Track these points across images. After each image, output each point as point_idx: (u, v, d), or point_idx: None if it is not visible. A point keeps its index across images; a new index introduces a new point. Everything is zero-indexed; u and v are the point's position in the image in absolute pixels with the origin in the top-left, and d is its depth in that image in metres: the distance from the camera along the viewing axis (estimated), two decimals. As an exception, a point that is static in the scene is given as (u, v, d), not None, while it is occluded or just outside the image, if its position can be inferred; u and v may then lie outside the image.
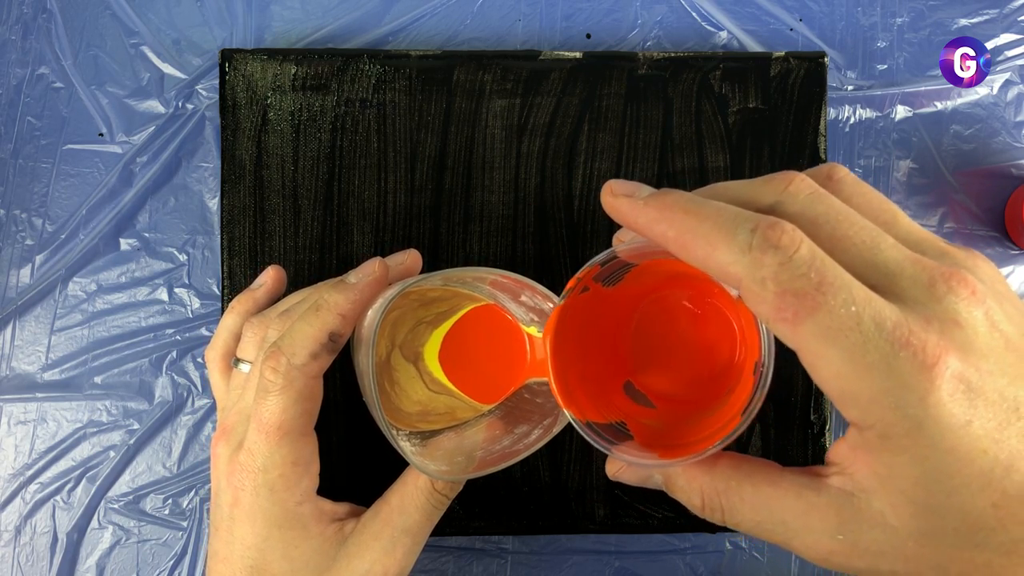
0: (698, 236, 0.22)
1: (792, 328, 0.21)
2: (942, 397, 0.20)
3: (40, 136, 0.45)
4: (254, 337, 0.36)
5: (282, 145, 0.42)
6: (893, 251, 0.22)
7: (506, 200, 0.43)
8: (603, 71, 0.43)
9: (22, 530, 0.44)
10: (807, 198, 0.23)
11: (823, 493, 0.23)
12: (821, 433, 0.43)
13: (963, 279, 0.21)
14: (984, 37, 0.46)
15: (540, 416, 0.35)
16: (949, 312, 0.21)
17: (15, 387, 0.44)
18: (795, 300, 0.20)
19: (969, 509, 0.20)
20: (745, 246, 0.21)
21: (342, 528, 0.34)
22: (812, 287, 0.20)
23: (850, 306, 0.20)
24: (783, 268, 0.21)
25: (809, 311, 0.20)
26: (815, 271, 0.20)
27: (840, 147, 0.46)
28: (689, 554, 0.44)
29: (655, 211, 0.23)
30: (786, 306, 0.21)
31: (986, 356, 0.20)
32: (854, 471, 0.22)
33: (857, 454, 0.22)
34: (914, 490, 0.21)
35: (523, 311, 0.36)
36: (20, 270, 0.45)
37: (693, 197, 0.23)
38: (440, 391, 0.37)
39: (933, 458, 0.20)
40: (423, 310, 0.37)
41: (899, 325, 0.20)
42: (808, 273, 0.20)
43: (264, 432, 0.33)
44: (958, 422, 0.20)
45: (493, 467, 0.33)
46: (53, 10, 0.45)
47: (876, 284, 0.21)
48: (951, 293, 0.21)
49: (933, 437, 0.20)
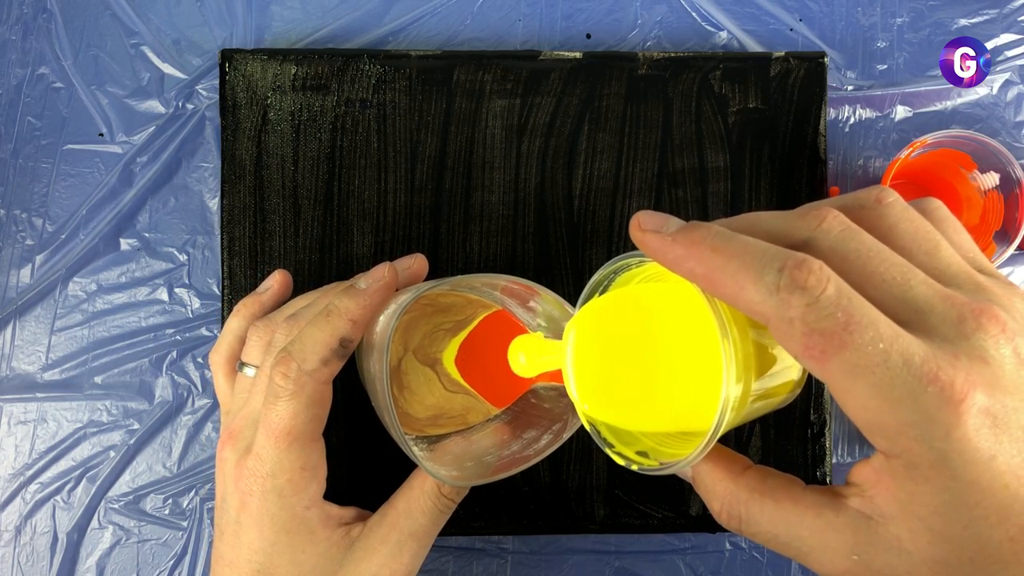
0: (726, 275, 0.22)
1: (820, 364, 0.21)
2: (968, 432, 0.20)
3: (40, 136, 0.45)
4: (260, 341, 0.36)
5: (282, 145, 0.42)
6: (923, 287, 0.22)
7: (506, 200, 0.43)
8: (603, 71, 0.43)
9: (22, 530, 0.44)
10: (839, 235, 0.23)
11: (842, 513, 0.23)
12: (821, 433, 0.43)
13: (994, 316, 0.21)
14: (984, 37, 0.46)
15: (549, 421, 0.35)
16: (977, 348, 0.21)
17: (15, 387, 0.44)
18: (822, 339, 0.21)
19: (986, 541, 0.21)
20: (773, 287, 0.21)
21: (349, 532, 0.34)
22: (839, 326, 0.21)
23: (877, 343, 0.20)
24: (810, 309, 0.21)
25: (836, 349, 0.21)
26: (842, 311, 0.21)
27: (840, 147, 0.46)
28: (689, 554, 0.44)
29: (683, 248, 0.23)
30: (814, 344, 0.21)
31: (1012, 393, 0.21)
32: (874, 494, 0.23)
33: (880, 478, 0.22)
34: (933, 519, 0.21)
35: (530, 316, 0.36)
36: (20, 270, 0.45)
37: (721, 232, 0.23)
38: (458, 390, 0.37)
39: (955, 489, 0.20)
40: (440, 316, 0.37)
41: (927, 361, 0.20)
42: (835, 313, 0.21)
43: (273, 437, 0.33)
44: (982, 456, 0.20)
45: (504, 472, 0.33)
46: (53, 10, 0.45)
47: (906, 320, 0.21)
48: (980, 330, 0.21)
49: (956, 469, 0.20)
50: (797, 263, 0.21)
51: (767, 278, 0.21)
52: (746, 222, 0.25)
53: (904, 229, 0.24)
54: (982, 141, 0.41)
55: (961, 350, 0.21)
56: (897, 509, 0.22)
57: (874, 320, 0.21)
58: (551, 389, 0.36)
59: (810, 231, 0.24)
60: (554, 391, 0.36)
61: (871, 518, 0.22)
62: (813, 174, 0.43)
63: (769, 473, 0.26)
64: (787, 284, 0.21)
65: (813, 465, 0.43)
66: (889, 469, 0.22)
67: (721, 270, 0.22)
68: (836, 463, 0.45)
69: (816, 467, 0.43)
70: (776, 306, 0.21)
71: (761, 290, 0.22)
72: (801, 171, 0.43)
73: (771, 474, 0.26)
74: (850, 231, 0.23)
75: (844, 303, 0.21)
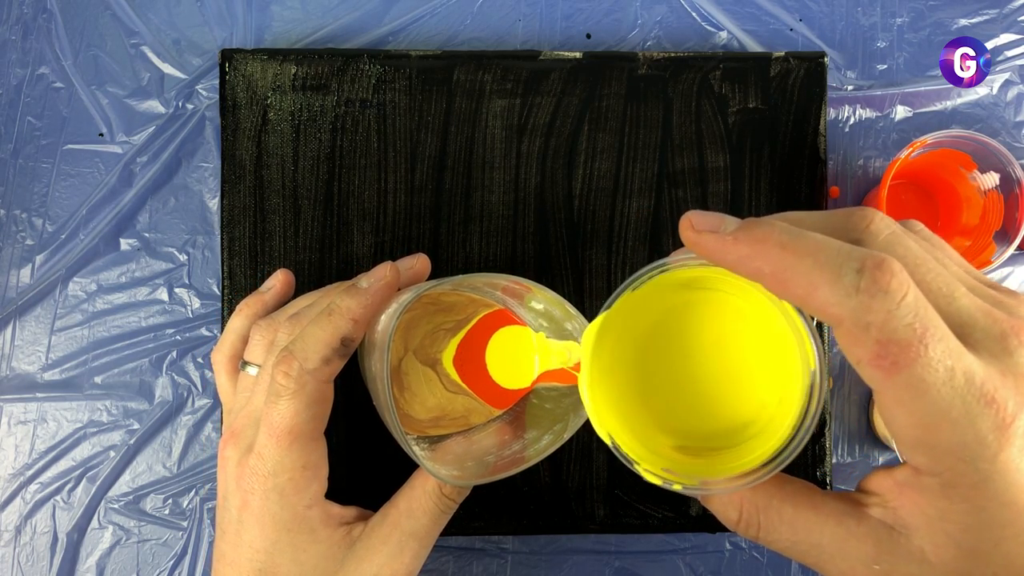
0: (798, 274, 0.21)
1: (887, 375, 0.20)
2: (1012, 454, 0.20)
3: (40, 136, 0.45)
4: (262, 340, 0.36)
5: (282, 145, 0.42)
6: (966, 300, 0.22)
7: (506, 200, 0.43)
8: (603, 71, 0.43)
9: (22, 530, 0.44)
10: (887, 239, 0.22)
11: (863, 522, 0.23)
12: (821, 433, 0.43)
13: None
14: (984, 37, 0.46)
15: (550, 422, 0.35)
16: (1020, 366, 0.21)
17: (15, 387, 0.44)
18: (897, 350, 0.20)
19: (1014, 559, 0.21)
20: (852, 288, 0.20)
21: (350, 532, 0.34)
22: (916, 338, 0.20)
23: (947, 360, 0.20)
24: (891, 316, 0.20)
25: (909, 362, 0.20)
26: (920, 321, 0.20)
27: (840, 147, 0.46)
28: (689, 554, 0.44)
29: (747, 247, 0.22)
30: (887, 354, 0.20)
31: None
32: (898, 506, 0.22)
33: (905, 491, 0.22)
34: (963, 535, 0.21)
35: (532, 316, 0.36)
36: (20, 270, 0.45)
37: (789, 229, 0.22)
38: (458, 391, 0.37)
39: (991, 509, 0.20)
40: (441, 316, 0.37)
41: (986, 381, 0.20)
42: (913, 323, 0.20)
43: (275, 436, 0.33)
44: (1022, 478, 0.20)
45: (505, 472, 0.33)
46: (53, 10, 0.45)
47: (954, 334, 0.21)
48: (1021, 347, 0.21)
49: (997, 491, 0.20)
50: (877, 263, 0.20)
51: (845, 279, 0.20)
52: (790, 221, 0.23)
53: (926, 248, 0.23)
54: (982, 141, 0.41)
55: (1008, 368, 0.21)
56: (923, 523, 0.22)
57: (945, 334, 0.20)
58: (552, 389, 0.36)
59: (859, 232, 0.23)
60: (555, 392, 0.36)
61: (893, 528, 0.22)
62: (813, 174, 0.43)
63: (786, 479, 0.25)
64: (868, 286, 0.20)
65: (813, 465, 0.43)
66: (919, 484, 0.22)
67: (792, 269, 0.21)
68: (836, 463, 0.45)
69: (816, 467, 0.43)
70: (854, 309, 0.20)
71: (838, 291, 0.20)
72: (801, 171, 0.43)
73: (788, 480, 0.25)
74: (897, 235, 0.23)
75: (921, 312, 0.20)
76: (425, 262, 0.38)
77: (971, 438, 0.20)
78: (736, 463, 0.26)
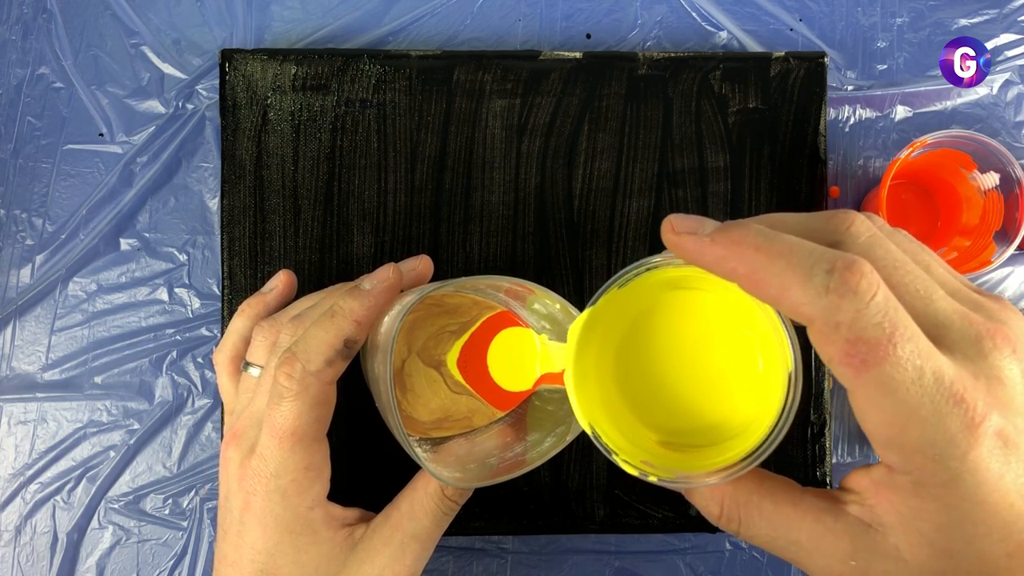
0: (771, 275, 0.22)
1: (857, 374, 0.21)
2: (982, 453, 0.20)
3: (40, 136, 0.45)
4: (264, 341, 0.36)
5: (282, 145, 0.42)
6: (944, 303, 0.22)
7: (506, 200, 0.43)
8: (603, 71, 0.43)
9: (22, 530, 0.44)
10: (867, 240, 0.23)
11: (841, 519, 0.23)
12: (821, 433, 0.43)
13: (1006, 336, 0.21)
14: (984, 37, 0.46)
15: (552, 424, 0.35)
16: (994, 369, 0.21)
17: (15, 387, 0.44)
18: (866, 348, 0.20)
19: (986, 557, 0.21)
20: (822, 288, 0.21)
21: (352, 533, 0.34)
22: (885, 337, 0.20)
23: (916, 359, 0.20)
24: (859, 315, 0.20)
25: (878, 361, 0.20)
26: (888, 320, 0.20)
27: (840, 147, 0.46)
28: (689, 554, 0.45)
29: (722, 248, 0.23)
30: (856, 353, 0.20)
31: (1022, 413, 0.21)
32: (874, 504, 0.23)
33: (880, 490, 0.22)
34: (936, 534, 0.21)
35: (535, 319, 0.36)
36: (20, 270, 0.45)
37: (763, 231, 0.23)
38: (462, 392, 0.37)
39: (962, 508, 0.21)
40: (445, 318, 0.37)
41: (955, 381, 0.20)
42: (883, 322, 0.20)
43: (277, 437, 0.33)
44: (992, 476, 0.20)
45: (507, 475, 0.33)
46: (53, 10, 0.45)
47: (928, 335, 0.21)
48: (996, 350, 0.21)
49: (968, 489, 0.20)
50: (847, 264, 0.21)
51: (815, 280, 0.21)
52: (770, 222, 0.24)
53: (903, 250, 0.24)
54: (982, 141, 0.41)
55: (980, 370, 0.21)
56: (897, 521, 0.22)
57: (915, 334, 0.20)
58: (555, 392, 0.36)
59: (839, 234, 0.23)
60: (557, 394, 0.36)
61: (870, 526, 0.23)
62: (813, 174, 0.43)
63: (766, 475, 0.26)
64: (837, 287, 0.21)
65: (813, 465, 0.43)
66: (892, 483, 0.22)
67: (765, 270, 0.22)
68: (836, 463, 0.45)
69: (816, 467, 0.43)
70: (824, 309, 0.21)
71: (809, 292, 0.21)
72: (801, 171, 0.43)
73: (768, 476, 0.26)
74: (876, 237, 0.23)
75: (891, 312, 0.20)
76: (428, 263, 0.38)
77: (940, 437, 0.20)
78: (717, 459, 0.27)
